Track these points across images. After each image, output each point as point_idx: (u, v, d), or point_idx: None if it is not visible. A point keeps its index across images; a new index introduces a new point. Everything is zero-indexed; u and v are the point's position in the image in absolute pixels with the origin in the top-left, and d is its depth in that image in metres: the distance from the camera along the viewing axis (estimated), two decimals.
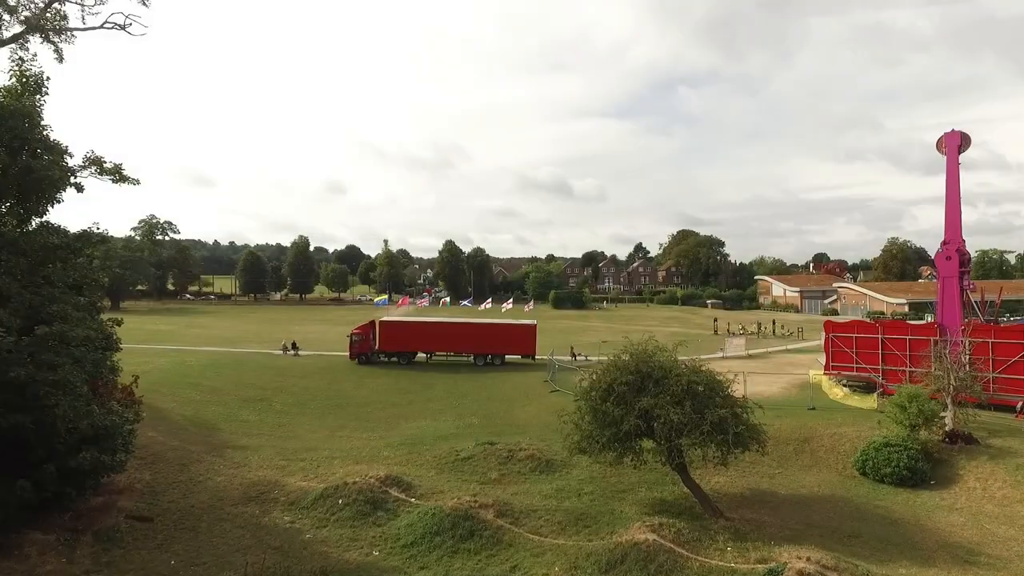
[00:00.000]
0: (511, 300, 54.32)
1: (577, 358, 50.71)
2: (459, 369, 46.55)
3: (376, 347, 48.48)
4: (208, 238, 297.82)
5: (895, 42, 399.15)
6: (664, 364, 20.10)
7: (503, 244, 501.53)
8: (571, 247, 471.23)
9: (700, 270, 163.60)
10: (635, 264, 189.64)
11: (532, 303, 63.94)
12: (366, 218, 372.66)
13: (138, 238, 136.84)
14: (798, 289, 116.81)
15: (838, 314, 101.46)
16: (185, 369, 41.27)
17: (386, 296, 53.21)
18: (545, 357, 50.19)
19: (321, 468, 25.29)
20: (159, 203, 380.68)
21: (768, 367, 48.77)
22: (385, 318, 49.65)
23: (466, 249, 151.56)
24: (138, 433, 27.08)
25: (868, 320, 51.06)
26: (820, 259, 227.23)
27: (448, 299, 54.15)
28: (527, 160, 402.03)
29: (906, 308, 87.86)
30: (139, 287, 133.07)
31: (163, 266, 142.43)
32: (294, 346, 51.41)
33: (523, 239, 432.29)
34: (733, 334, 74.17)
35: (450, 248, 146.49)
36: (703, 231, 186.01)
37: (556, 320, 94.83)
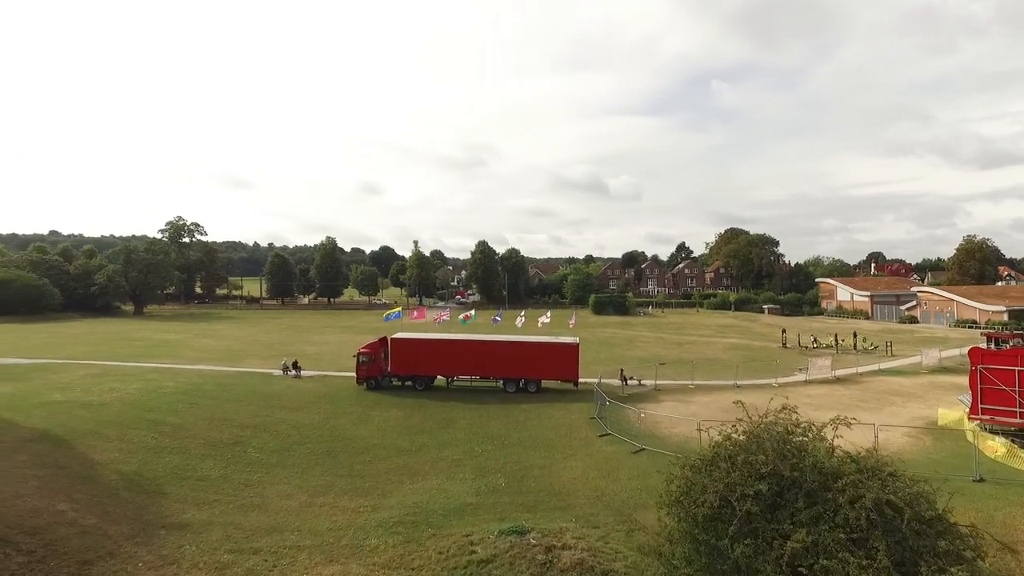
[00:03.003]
0: (548, 314, 45.86)
1: (629, 382, 42.15)
2: (486, 398, 38.44)
3: (388, 369, 40.79)
4: (248, 240, 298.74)
5: (947, 27, 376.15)
6: (819, 461, 11.37)
7: (538, 244, 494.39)
8: (608, 247, 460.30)
9: (752, 271, 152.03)
10: (680, 265, 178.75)
11: (575, 317, 55.08)
12: (400, 219, 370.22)
13: (165, 240, 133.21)
14: (868, 293, 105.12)
15: (918, 322, 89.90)
16: (154, 399, 34.26)
17: (399, 309, 45.27)
18: (590, 381, 41.81)
19: (276, 572, 17.58)
20: (199, 206, 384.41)
21: (868, 397, 39.33)
22: (398, 335, 41.87)
23: (500, 250, 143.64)
24: (42, 510, 20.15)
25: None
26: (877, 258, 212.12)
27: (474, 312, 45.70)
28: (560, 159, 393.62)
29: (1005, 317, 76.16)
30: (165, 291, 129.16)
31: (190, 269, 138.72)
32: (295, 366, 44.15)
33: (558, 239, 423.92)
34: (805, 347, 64.30)
35: (483, 249, 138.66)
36: (742, 229, 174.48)
37: (597, 328, 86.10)
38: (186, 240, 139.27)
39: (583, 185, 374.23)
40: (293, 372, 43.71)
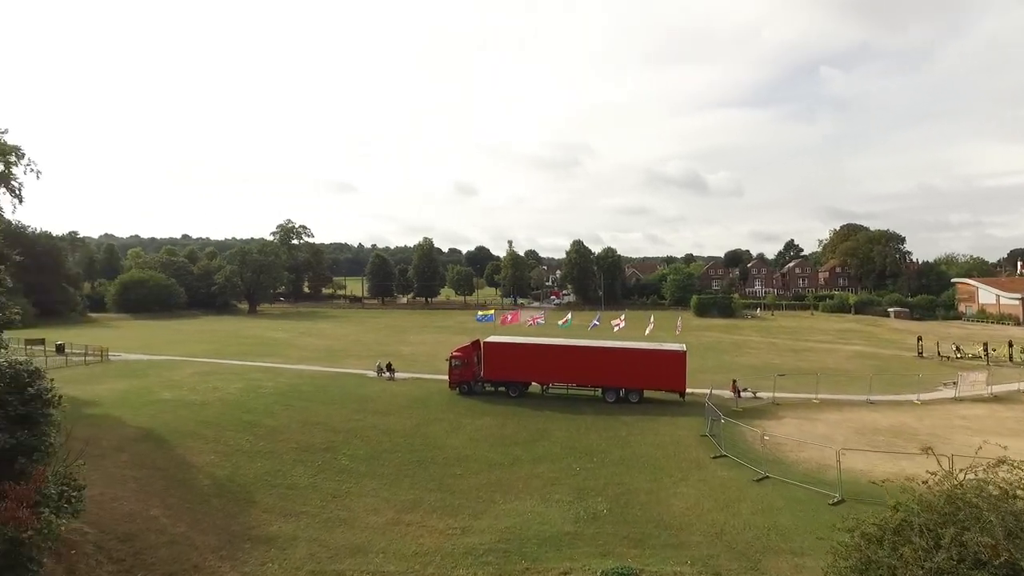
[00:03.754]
0: (652, 319, 42.60)
1: (742, 395, 38.18)
2: (582, 408, 35.98)
3: (480, 374, 39.28)
4: (353, 241, 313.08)
5: None
6: None
7: (634, 243, 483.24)
8: (707, 246, 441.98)
9: (873, 271, 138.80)
10: (790, 264, 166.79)
11: (680, 322, 51.29)
12: (495, 219, 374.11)
13: (276, 242, 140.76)
14: (1018, 296, 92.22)
15: None
16: (253, 399, 34.63)
17: (491, 311, 43.69)
18: (698, 392, 38.27)
19: None
20: (307, 209, 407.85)
21: None
22: (492, 339, 40.23)
23: (595, 249, 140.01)
24: (136, 515, 20.02)
25: None
26: (1022, 256, 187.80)
27: (570, 316, 43.22)
28: (655, 155, 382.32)
29: None
30: (276, 290, 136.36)
31: (298, 269, 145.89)
32: (389, 367, 43.75)
33: (654, 237, 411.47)
34: (946, 357, 56.58)
35: (578, 248, 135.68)
36: (860, 225, 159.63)
37: (701, 332, 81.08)
38: (295, 242, 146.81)
39: (680, 181, 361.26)
40: (387, 374, 43.31)
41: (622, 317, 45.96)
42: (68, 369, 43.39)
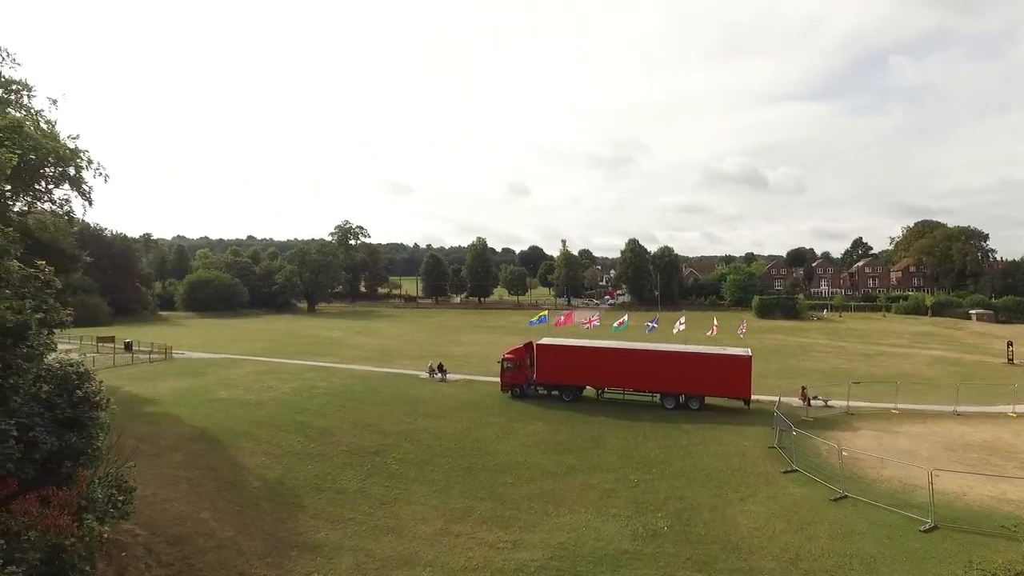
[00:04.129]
0: (715, 322, 40.52)
1: (812, 403, 35.73)
2: (639, 414, 34.41)
3: (533, 377, 38.23)
4: (408, 241, 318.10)
5: None
6: None
7: (690, 242, 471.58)
8: (767, 244, 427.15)
9: (952, 270, 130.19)
10: (858, 263, 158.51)
11: (745, 325, 48.85)
12: (549, 219, 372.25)
13: (334, 242, 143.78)
14: None
15: None
16: (306, 399, 34.69)
17: (544, 313, 42.52)
18: (764, 399, 36.14)
19: None
20: (366, 210, 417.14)
21: None
22: (545, 341, 39.09)
23: (651, 248, 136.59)
24: (186, 517, 19.94)
25: None
26: None
27: (627, 318, 41.60)
28: (712, 152, 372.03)
29: None
30: (333, 289, 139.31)
31: (355, 269, 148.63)
32: (440, 368, 43.28)
33: (712, 236, 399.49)
34: None
35: (633, 248, 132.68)
36: (937, 222, 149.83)
37: (764, 334, 77.53)
38: (352, 242, 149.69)
39: (738, 178, 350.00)
40: (439, 375, 42.84)
41: (682, 320, 43.93)
42: (134, 367, 44.93)
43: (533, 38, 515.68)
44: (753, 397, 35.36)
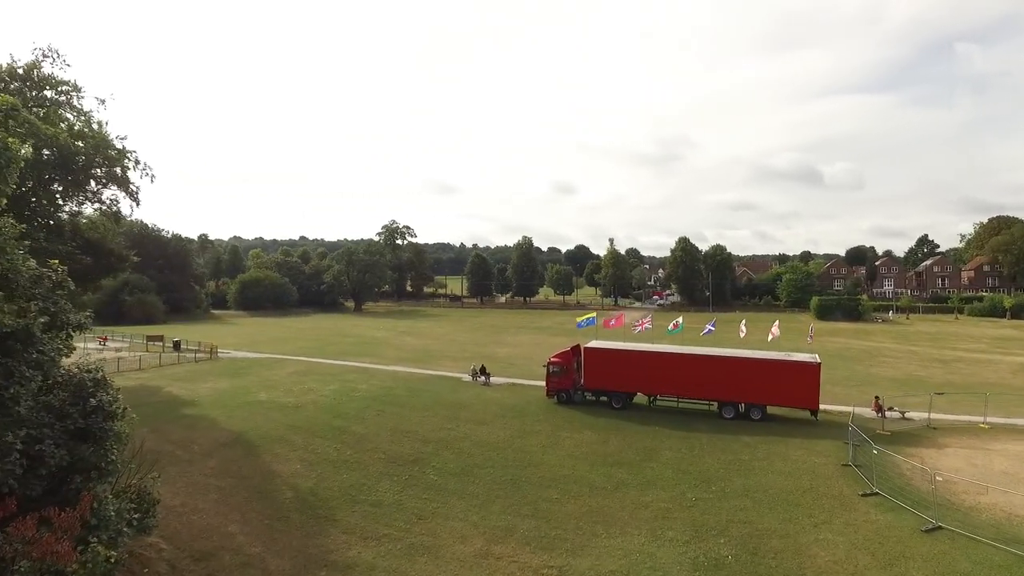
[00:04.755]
0: (776, 324, 37.65)
1: (888, 414, 32.57)
2: (696, 424, 32.05)
3: (581, 382, 36.29)
4: (455, 241, 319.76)
5: None
6: None
7: (741, 240, 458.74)
8: (822, 243, 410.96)
9: None
10: (926, 262, 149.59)
11: (813, 330, 45.55)
12: (594, 218, 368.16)
13: (380, 242, 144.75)
14: None
15: None
16: (345, 403, 33.74)
17: (593, 314, 40.42)
18: (831, 408, 33.32)
19: None
20: (413, 211, 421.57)
21: None
22: (593, 343, 37.07)
23: (700, 247, 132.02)
24: (213, 531, 18.93)
25: None
26: None
27: (682, 320, 39.06)
28: (764, 147, 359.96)
29: None
30: (380, 289, 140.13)
31: (401, 268, 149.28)
32: (484, 372, 41.80)
33: (763, 234, 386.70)
34: None
35: (684, 246, 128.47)
36: (1014, 217, 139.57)
37: (825, 337, 73.07)
38: (399, 242, 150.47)
39: (791, 175, 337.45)
40: (482, 378, 41.38)
41: (743, 323, 41.12)
42: (179, 366, 45.10)
43: (583, 35, 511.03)
44: (821, 407, 32.52)
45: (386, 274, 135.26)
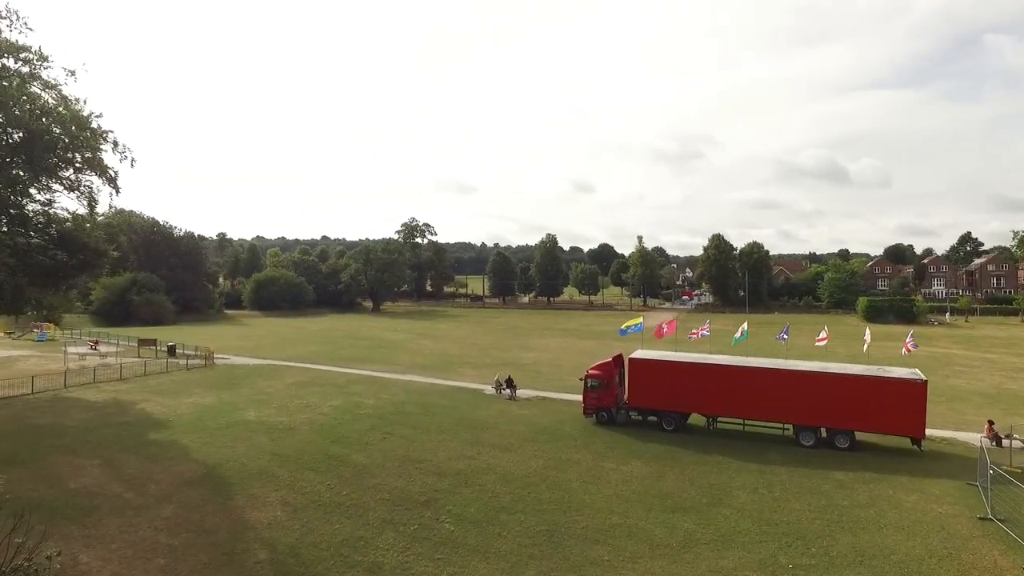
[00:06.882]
0: (868, 332, 31.86)
1: (1006, 443, 26.52)
2: (767, 452, 26.40)
3: (624, 399, 30.82)
4: (476, 241, 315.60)
5: None
6: None
7: (764, 239, 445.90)
8: (848, 241, 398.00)
9: None
10: (978, 261, 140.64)
11: (912, 339, 39.37)
12: (614, 216, 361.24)
13: (399, 240, 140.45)
14: None
15: None
16: (347, 423, 28.73)
17: (639, 320, 34.82)
18: (932, 434, 27.51)
19: None
20: (434, 210, 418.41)
21: None
22: (639, 354, 31.52)
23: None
24: None
25: None
26: None
27: (746, 326, 33.27)
28: (786, 144, 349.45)
29: None
30: (399, 288, 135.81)
31: (421, 267, 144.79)
32: (509, 383, 36.56)
33: (787, 234, 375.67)
34: None
35: (717, 244, 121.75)
36: None
37: (879, 342, 66.06)
38: (419, 241, 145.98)
39: (815, 172, 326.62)
40: (507, 391, 36.14)
41: (824, 332, 35.18)
42: (166, 375, 40.42)
43: (602, 33, 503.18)
44: (929, 435, 26.65)
45: (405, 273, 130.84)
